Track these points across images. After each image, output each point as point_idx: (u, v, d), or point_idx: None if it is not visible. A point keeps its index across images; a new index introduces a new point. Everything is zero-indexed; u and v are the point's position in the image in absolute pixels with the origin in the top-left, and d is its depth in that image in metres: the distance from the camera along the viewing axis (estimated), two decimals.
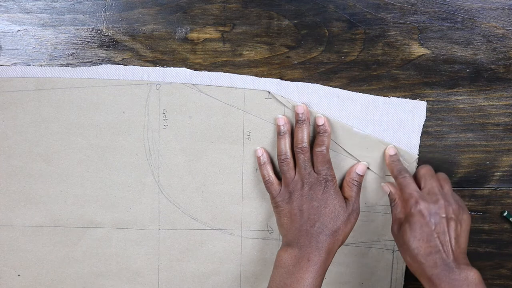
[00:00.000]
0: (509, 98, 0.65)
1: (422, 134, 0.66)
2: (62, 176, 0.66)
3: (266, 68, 0.64)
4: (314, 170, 0.63)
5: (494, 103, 0.65)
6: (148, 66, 0.64)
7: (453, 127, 0.66)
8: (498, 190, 0.69)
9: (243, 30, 0.63)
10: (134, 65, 0.63)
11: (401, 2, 0.62)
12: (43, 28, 0.62)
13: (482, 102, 0.65)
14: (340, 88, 0.64)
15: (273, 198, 0.64)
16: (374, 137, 0.65)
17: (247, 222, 0.69)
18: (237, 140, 0.66)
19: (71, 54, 0.63)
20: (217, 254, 0.70)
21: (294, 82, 0.64)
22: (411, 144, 0.66)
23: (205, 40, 0.63)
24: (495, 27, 0.63)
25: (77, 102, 0.64)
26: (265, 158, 0.65)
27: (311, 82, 0.64)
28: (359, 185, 0.65)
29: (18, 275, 0.69)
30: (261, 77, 0.64)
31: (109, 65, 0.63)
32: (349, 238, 0.64)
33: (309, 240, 0.60)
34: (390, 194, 0.65)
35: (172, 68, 0.64)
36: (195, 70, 0.64)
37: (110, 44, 0.63)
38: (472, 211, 0.69)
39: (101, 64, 0.63)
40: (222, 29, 0.63)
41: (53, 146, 0.66)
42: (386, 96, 0.65)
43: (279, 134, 0.64)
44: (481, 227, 0.70)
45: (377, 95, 0.65)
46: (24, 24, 0.62)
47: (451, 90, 0.65)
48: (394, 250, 0.70)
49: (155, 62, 0.64)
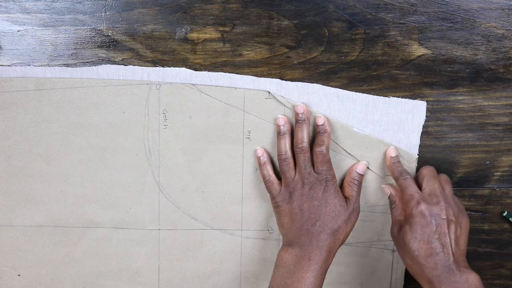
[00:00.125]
0: (508, 98, 0.65)
1: (422, 134, 0.66)
2: (62, 176, 0.66)
3: (266, 68, 0.64)
4: (314, 170, 0.63)
5: (494, 103, 0.65)
6: (148, 66, 0.64)
7: (453, 127, 0.66)
8: (497, 190, 0.69)
9: (243, 30, 0.63)
10: (134, 65, 0.63)
11: (401, 2, 0.62)
12: (43, 28, 0.62)
13: (482, 102, 0.65)
14: (340, 88, 0.64)
15: (273, 198, 0.64)
16: (374, 137, 0.65)
17: (247, 222, 0.69)
18: (237, 140, 0.66)
19: (71, 54, 0.63)
20: (217, 254, 0.70)
21: (294, 82, 0.64)
22: (411, 144, 0.66)
23: (205, 40, 0.63)
24: (495, 27, 0.63)
25: (77, 102, 0.64)
26: (265, 158, 0.65)
27: (311, 82, 0.64)
28: (360, 184, 0.65)
29: (18, 275, 0.69)
30: (261, 77, 0.64)
31: (109, 65, 0.63)
32: (349, 238, 0.64)
33: (309, 239, 0.60)
34: (390, 196, 0.65)
35: (172, 68, 0.64)
36: (195, 70, 0.64)
37: (110, 44, 0.63)
38: (472, 211, 0.69)
39: (101, 64, 0.63)
40: (222, 29, 0.63)
41: (53, 146, 0.66)
42: (386, 96, 0.65)
43: (279, 134, 0.64)
44: (481, 227, 0.70)
45: (377, 95, 0.65)
46: (24, 24, 0.62)
47: (451, 90, 0.65)
48: (394, 250, 0.70)
49: (155, 62, 0.64)
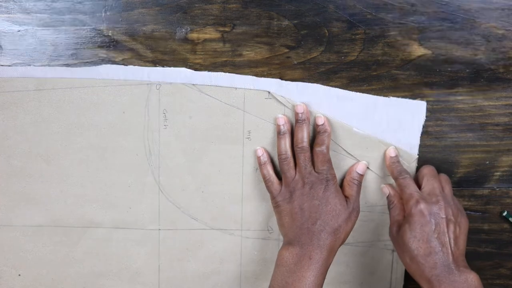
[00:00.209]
0: (508, 98, 0.65)
1: (422, 134, 0.66)
2: (62, 176, 0.66)
3: (266, 68, 0.64)
4: (315, 170, 0.63)
5: (494, 103, 0.65)
6: (148, 66, 0.64)
7: (453, 127, 0.66)
8: (497, 190, 0.69)
9: (243, 30, 0.63)
10: (134, 65, 0.63)
11: (401, 2, 0.62)
12: (44, 28, 0.62)
13: (482, 102, 0.65)
14: (340, 88, 0.64)
15: (273, 198, 0.64)
16: (374, 137, 0.66)
17: (247, 222, 0.69)
18: (237, 140, 0.66)
19: (72, 54, 0.63)
20: (217, 254, 0.70)
21: (294, 82, 0.64)
22: (411, 144, 0.66)
23: (205, 40, 0.63)
24: (495, 27, 0.63)
25: (77, 102, 0.64)
26: (265, 158, 0.65)
27: (311, 82, 0.64)
28: (359, 184, 0.65)
29: (19, 275, 0.69)
30: (261, 77, 0.64)
31: (109, 65, 0.63)
32: (349, 238, 0.64)
33: (310, 238, 0.60)
34: (388, 196, 0.65)
35: (172, 68, 0.64)
36: (195, 70, 0.64)
37: (110, 44, 0.63)
38: (471, 211, 0.69)
39: (101, 64, 0.63)
40: (222, 29, 0.63)
41: (53, 146, 0.66)
42: (386, 96, 0.65)
43: (279, 133, 0.64)
44: (480, 227, 0.70)
45: (377, 95, 0.65)
46: (24, 24, 0.62)
47: (451, 90, 0.65)
48: (393, 250, 0.70)
49: (155, 62, 0.64)
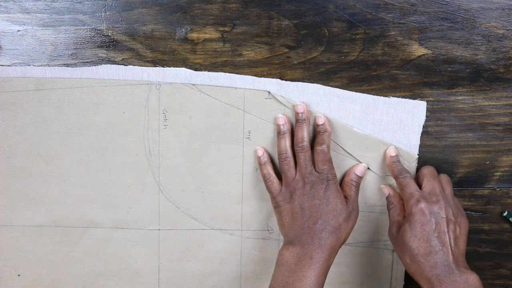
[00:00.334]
0: (509, 98, 0.65)
1: (422, 134, 0.66)
2: (62, 176, 0.66)
3: (266, 68, 0.64)
4: (315, 169, 0.63)
5: (494, 103, 0.65)
6: (148, 66, 0.64)
7: (453, 127, 0.66)
8: (498, 190, 0.69)
9: (243, 30, 0.63)
10: (134, 65, 0.63)
11: (401, 2, 0.62)
12: (43, 28, 0.62)
13: (482, 102, 0.65)
14: (340, 88, 0.64)
15: (273, 198, 0.64)
16: (374, 137, 0.65)
17: (247, 222, 0.69)
18: (237, 140, 0.66)
19: (71, 54, 0.63)
20: (217, 254, 0.70)
21: (294, 82, 0.64)
22: (411, 144, 0.66)
23: (205, 40, 0.63)
24: (495, 27, 0.63)
25: (77, 102, 0.64)
26: (265, 158, 0.65)
27: (311, 82, 0.64)
28: (358, 185, 0.65)
29: (18, 275, 0.69)
30: (261, 77, 0.64)
31: (109, 65, 0.63)
32: (349, 238, 0.64)
33: (311, 237, 0.60)
34: (388, 196, 0.65)
35: (172, 68, 0.64)
36: (195, 70, 0.64)
37: (110, 44, 0.63)
38: (472, 211, 0.69)
39: (101, 64, 0.63)
40: (222, 29, 0.63)
41: (53, 146, 0.66)
42: (386, 96, 0.65)
43: (279, 133, 0.64)
44: (481, 227, 0.70)
45: (377, 95, 0.65)
46: (24, 24, 0.62)
47: (451, 90, 0.65)
48: (394, 250, 0.70)
49: (155, 62, 0.64)
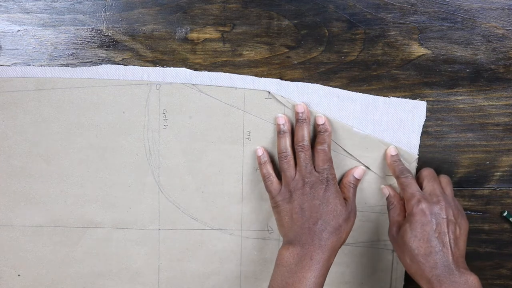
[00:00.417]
0: (509, 98, 0.65)
1: (422, 134, 0.66)
2: (62, 176, 0.66)
3: (266, 68, 0.64)
4: (315, 169, 0.63)
5: (494, 103, 0.65)
6: (148, 66, 0.64)
7: (453, 127, 0.66)
8: (498, 190, 0.69)
9: (243, 30, 0.63)
10: (134, 65, 0.63)
11: (401, 2, 0.62)
12: (43, 28, 0.62)
13: (482, 102, 0.65)
14: (340, 88, 0.64)
15: (272, 198, 0.64)
16: (374, 137, 0.65)
17: (247, 222, 0.69)
18: (237, 140, 0.66)
19: (71, 54, 0.63)
20: (217, 254, 0.70)
21: (294, 82, 0.64)
22: (411, 144, 0.66)
23: (205, 40, 0.63)
24: (495, 27, 0.63)
25: (77, 102, 0.64)
26: (265, 157, 0.65)
27: (311, 82, 0.64)
28: (356, 187, 0.65)
29: (18, 275, 0.69)
30: (261, 77, 0.64)
31: (109, 65, 0.63)
32: (349, 238, 0.64)
33: (311, 238, 0.60)
34: (388, 196, 0.65)
35: (172, 68, 0.64)
36: (195, 70, 0.64)
37: (110, 44, 0.63)
38: (472, 211, 0.69)
39: (101, 64, 0.63)
40: (222, 29, 0.63)
41: (53, 146, 0.66)
42: (386, 96, 0.65)
43: (280, 133, 0.64)
44: (481, 227, 0.70)
45: (377, 95, 0.65)
46: (24, 24, 0.62)
47: (451, 90, 0.65)
48: (394, 250, 0.70)
49: (155, 62, 0.64)
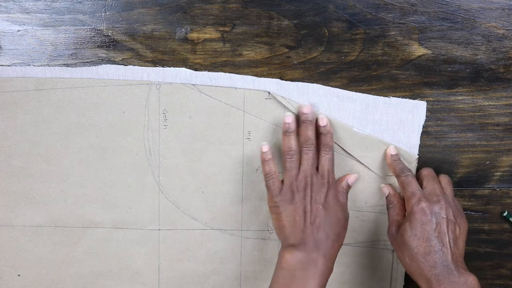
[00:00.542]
0: (509, 98, 0.65)
1: (422, 134, 0.66)
2: (62, 176, 0.66)
3: (266, 68, 0.64)
4: (318, 171, 0.63)
5: (494, 103, 0.65)
6: (148, 66, 0.64)
7: (453, 127, 0.66)
8: (498, 190, 0.69)
9: (243, 30, 0.63)
10: (134, 65, 0.63)
11: (401, 2, 0.62)
12: (43, 28, 0.62)
13: (482, 102, 0.65)
14: (340, 88, 0.64)
15: (272, 197, 0.62)
16: (374, 137, 0.65)
17: (247, 222, 0.69)
18: (237, 140, 0.66)
19: (71, 54, 0.63)
20: (217, 254, 0.70)
21: (294, 82, 0.64)
22: (411, 144, 0.66)
23: (205, 40, 0.63)
24: (495, 27, 0.63)
25: (77, 102, 0.64)
26: (270, 155, 0.63)
27: (311, 82, 0.64)
28: (347, 193, 0.65)
29: (18, 275, 0.69)
30: (261, 77, 0.64)
31: (109, 65, 0.63)
32: (349, 238, 0.64)
33: (315, 245, 0.59)
34: (388, 196, 0.65)
35: (172, 68, 0.64)
36: (195, 70, 0.64)
37: (110, 44, 0.63)
38: (472, 211, 0.69)
39: (101, 64, 0.63)
40: (222, 29, 0.63)
41: (53, 146, 0.66)
42: (386, 96, 0.65)
43: (286, 132, 0.63)
44: (481, 227, 0.70)
45: (377, 95, 0.65)
46: (24, 24, 0.62)
47: (451, 90, 0.65)
48: (394, 250, 0.70)
49: (155, 62, 0.64)
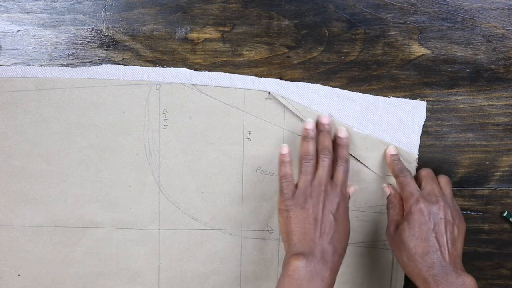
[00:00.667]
0: (509, 98, 0.65)
1: (422, 134, 0.66)
2: (62, 176, 0.66)
3: (266, 68, 0.64)
4: (332, 180, 0.62)
5: (494, 103, 0.65)
6: (148, 66, 0.64)
7: (453, 127, 0.66)
8: (498, 190, 0.69)
9: (243, 30, 0.63)
10: (134, 65, 0.63)
11: (401, 2, 0.62)
12: (43, 28, 0.62)
13: (482, 102, 0.65)
14: (340, 88, 0.64)
15: (284, 200, 0.61)
16: (374, 137, 0.65)
17: (247, 222, 0.69)
18: (237, 140, 0.66)
19: (71, 54, 0.63)
20: (217, 254, 0.70)
21: (294, 82, 0.64)
22: (411, 144, 0.66)
23: (205, 40, 0.63)
24: (495, 27, 0.63)
25: (77, 102, 0.64)
26: (288, 157, 0.63)
27: (311, 82, 0.64)
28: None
29: (18, 275, 0.69)
30: (261, 77, 0.64)
31: (109, 65, 0.63)
32: (349, 238, 0.64)
33: (324, 258, 0.58)
34: (389, 195, 0.65)
35: (172, 68, 0.64)
36: (195, 70, 0.64)
37: (110, 44, 0.63)
38: (472, 211, 0.69)
39: (101, 64, 0.63)
40: (222, 29, 0.63)
41: (53, 146, 0.66)
42: (386, 96, 0.65)
43: (306, 137, 0.63)
44: (481, 227, 0.70)
45: (377, 95, 0.65)
46: (24, 24, 0.62)
47: (451, 90, 0.65)
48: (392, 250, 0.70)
49: (155, 62, 0.64)
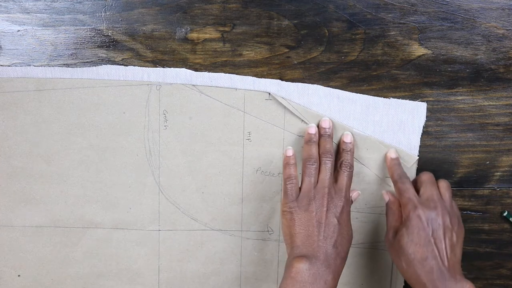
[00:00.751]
0: (509, 98, 0.65)
1: (422, 135, 0.66)
2: (63, 176, 0.66)
3: (266, 68, 0.64)
4: (336, 183, 0.62)
5: (494, 103, 0.65)
6: (148, 66, 0.64)
7: (453, 127, 0.66)
8: (498, 190, 0.69)
9: (243, 30, 0.63)
10: (134, 65, 0.63)
11: (401, 2, 0.62)
12: (43, 28, 0.62)
13: (482, 102, 0.65)
14: (340, 88, 0.64)
15: (287, 202, 0.61)
16: (374, 138, 0.65)
17: (247, 223, 0.69)
18: (237, 141, 0.66)
19: (71, 54, 0.63)
20: (217, 254, 0.69)
21: (294, 83, 0.64)
22: (411, 145, 0.66)
23: (205, 40, 0.63)
24: (495, 27, 0.63)
25: (77, 102, 0.64)
26: (294, 160, 0.64)
27: (311, 82, 0.64)
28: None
29: (18, 276, 0.69)
30: (261, 77, 0.64)
31: (109, 65, 0.63)
32: None
33: (327, 261, 0.59)
34: (388, 202, 0.64)
35: (172, 68, 0.64)
36: (195, 70, 0.64)
37: (110, 44, 0.63)
38: (472, 211, 0.69)
39: (101, 64, 0.63)
40: (222, 29, 0.63)
41: (53, 146, 0.65)
42: (386, 96, 0.65)
43: (309, 141, 0.63)
44: (481, 227, 0.70)
45: (377, 95, 0.65)
46: (24, 24, 0.62)
47: (451, 90, 0.65)
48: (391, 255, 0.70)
49: (155, 62, 0.64)
